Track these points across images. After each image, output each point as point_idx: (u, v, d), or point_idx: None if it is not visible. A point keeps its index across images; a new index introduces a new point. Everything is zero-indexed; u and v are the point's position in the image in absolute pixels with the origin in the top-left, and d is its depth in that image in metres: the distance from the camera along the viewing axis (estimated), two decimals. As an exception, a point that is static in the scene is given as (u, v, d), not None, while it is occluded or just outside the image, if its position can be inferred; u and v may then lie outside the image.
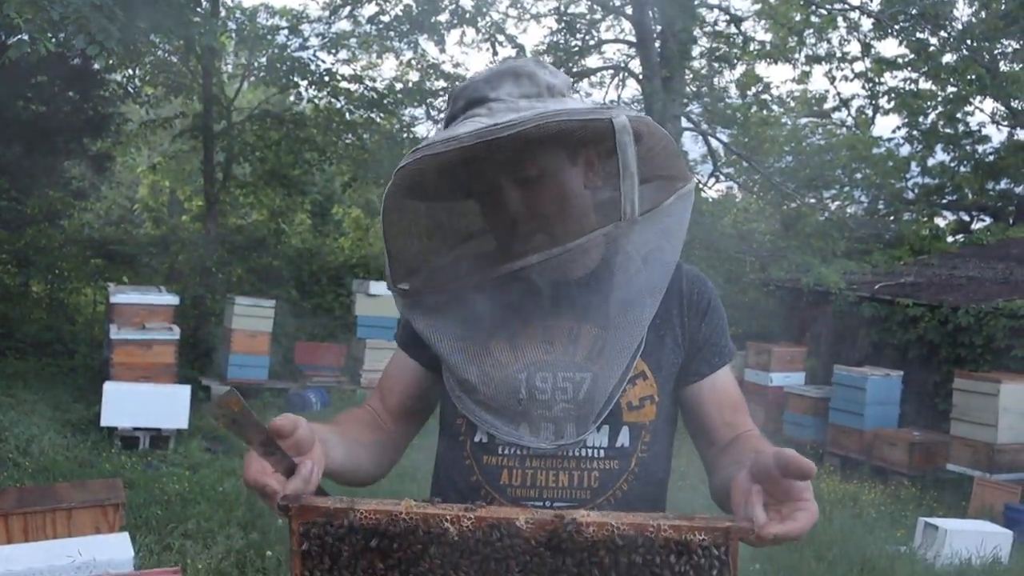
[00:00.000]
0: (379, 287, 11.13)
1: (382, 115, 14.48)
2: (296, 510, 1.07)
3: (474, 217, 1.46)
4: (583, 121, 1.22)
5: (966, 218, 19.47)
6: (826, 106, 20.75)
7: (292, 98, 14.65)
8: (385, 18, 14.04)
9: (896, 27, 15.08)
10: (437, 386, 1.54)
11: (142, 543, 4.63)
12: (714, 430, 1.46)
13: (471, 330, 1.37)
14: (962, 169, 18.45)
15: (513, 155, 1.27)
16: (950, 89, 17.46)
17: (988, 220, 18.84)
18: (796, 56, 17.43)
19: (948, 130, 18.30)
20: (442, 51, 20.42)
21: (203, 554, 4.72)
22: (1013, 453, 8.30)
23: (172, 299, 9.31)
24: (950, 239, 17.56)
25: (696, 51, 15.95)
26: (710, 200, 16.56)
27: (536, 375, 1.36)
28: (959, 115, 18.16)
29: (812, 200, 16.74)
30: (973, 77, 14.97)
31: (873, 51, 16.60)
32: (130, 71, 13.44)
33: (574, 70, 15.82)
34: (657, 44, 14.13)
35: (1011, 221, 17.84)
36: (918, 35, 15.16)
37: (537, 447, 1.36)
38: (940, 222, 19.16)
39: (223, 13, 13.04)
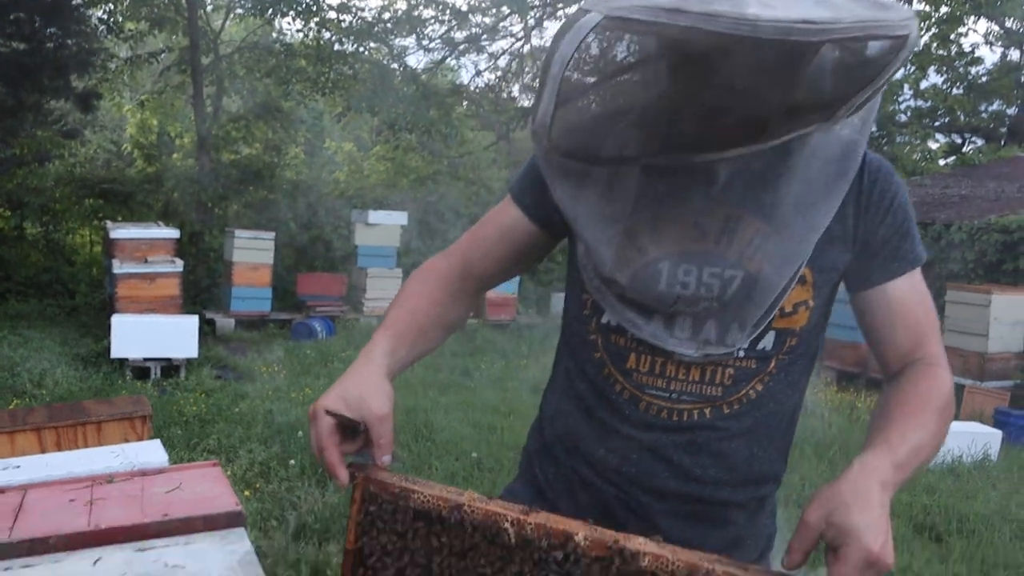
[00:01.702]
0: (378, 216, 11.17)
1: (372, 45, 14.30)
2: (362, 479, 1.10)
3: (653, 89, 1.13)
4: (891, 38, 0.99)
5: (958, 140, 19.50)
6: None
7: (275, 34, 14.42)
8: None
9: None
10: (547, 249, 1.46)
11: (170, 457, 4.76)
12: (884, 348, 1.29)
13: (615, 210, 1.18)
14: (955, 91, 18.40)
15: (775, 57, 0.99)
16: (943, 9, 17.30)
17: (980, 142, 18.88)
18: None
19: (941, 52, 18.20)
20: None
21: (228, 466, 4.88)
22: (1003, 362, 8.58)
23: (173, 233, 9.33)
24: (942, 162, 17.63)
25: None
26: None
27: (680, 267, 1.21)
28: (952, 36, 18.04)
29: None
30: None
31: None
32: (111, 5, 13.19)
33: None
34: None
35: (1003, 142, 17.88)
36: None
37: (679, 353, 1.24)
38: (932, 145, 19.22)
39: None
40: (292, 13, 13.66)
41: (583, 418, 1.36)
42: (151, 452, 3.14)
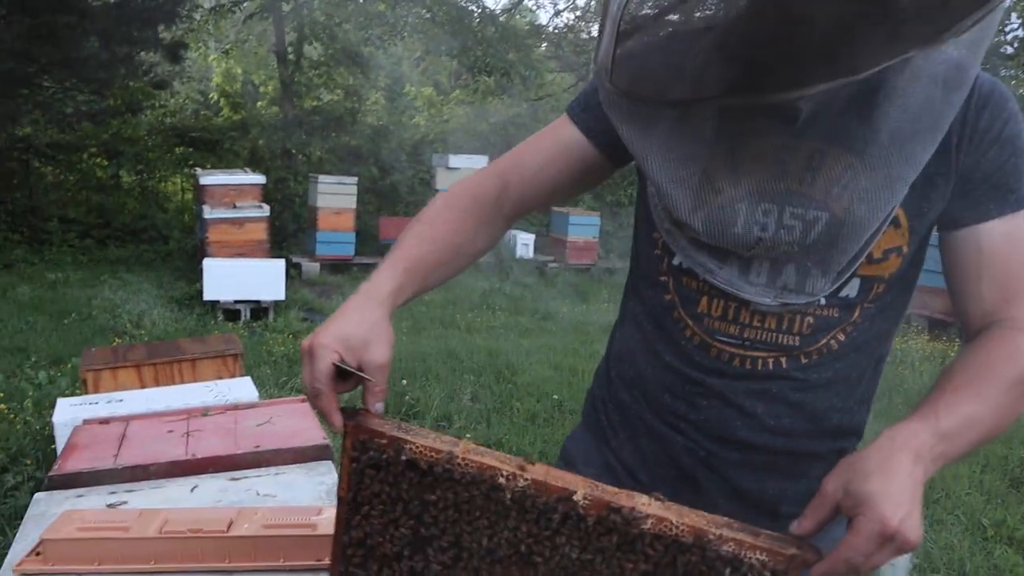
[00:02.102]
0: (459, 160, 11.18)
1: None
2: (352, 427, 1.04)
3: (725, 17, 0.97)
4: None
5: (1070, 72, 18.22)
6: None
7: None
8: None
9: None
10: (604, 176, 1.34)
11: (260, 394, 4.94)
12: (966, 301, 1.13)
13: (687, 150, 1.05)
14: (1068, 18, 17.12)
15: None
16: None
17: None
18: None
19: (1054, -25, 16.93)
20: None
21: (315, 404, 5.03)
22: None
23: (259, 178, 9.55)
24: (1052, 95, 16.53)
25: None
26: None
27: (758, 207, 1.07)
28: (1067, -43, 16.73)
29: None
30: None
31: None
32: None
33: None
34: None
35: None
36: None
37: (756, 301, 1.13)
38: (1041, 77, 18.00)
39: None
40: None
41: (650, 362, 1.28)
42: (243, 388, 3.26)
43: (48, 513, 1.67)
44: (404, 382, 5.43)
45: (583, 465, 1.33)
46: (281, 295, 8.08)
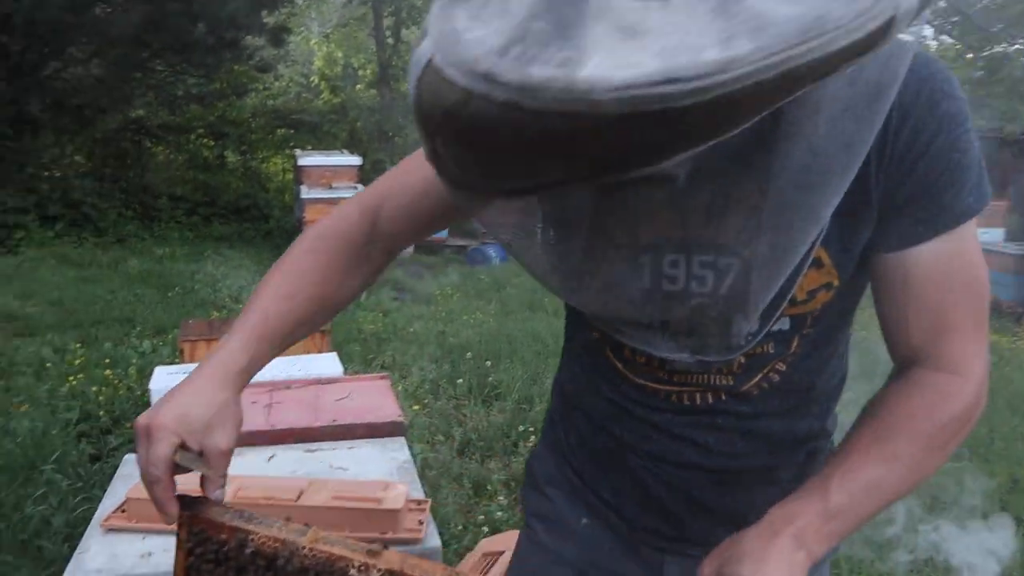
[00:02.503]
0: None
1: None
2: (188, 517, 0.95)
3: None
4: (844, 51, 0.56)
5: None
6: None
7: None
8: None
9: None
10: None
11: (347, 370, 5.09)
12: (891, 333, 0.98)
13: (562, 234, 0.87)
14: None
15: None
16: None
17: None
18: None
19: None
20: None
21: (400, 382, 5.13)
22: None
23: (355, 160, 9.76)
24: None
25: None
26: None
27: (664, 258, 0.94)
28: None
29: (1022, 43, 14.95)
30: None
31: None
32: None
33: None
34: None
35: None
36: None
37: (672, 358, 0.98)
38: None
39: None
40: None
41: (593, 394, 1.17)
42: (328, 363, 3.34)
43: (135, 474, 1.75)
44: (488, 363, 5.47)
45: (546, 484, 1.25)
46: (372, 274, 8.22)
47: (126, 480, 1.72)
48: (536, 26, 0.56)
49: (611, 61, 0.53)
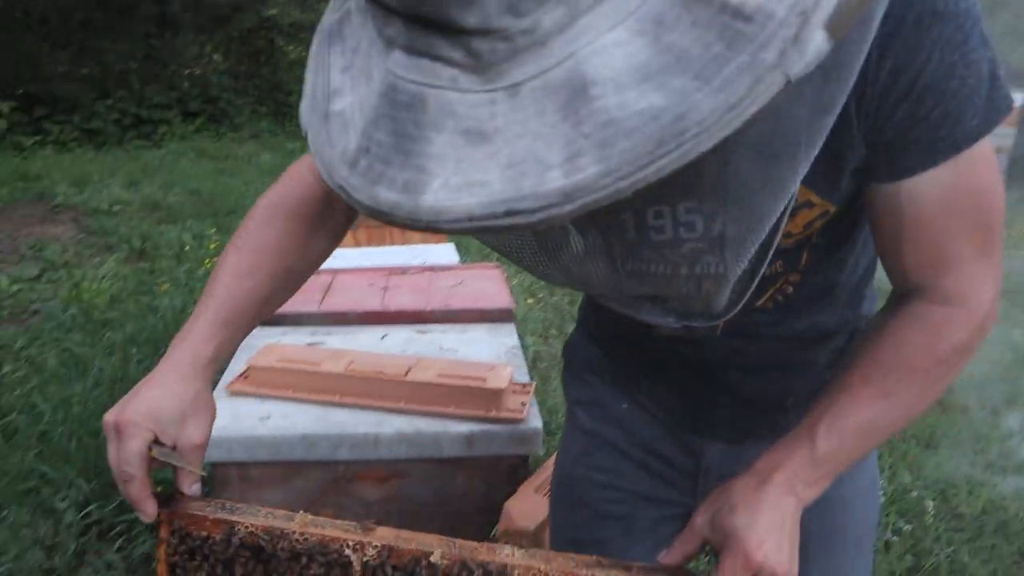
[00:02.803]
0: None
1: None
2: (168, 515, 0.90)
3: None
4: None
5: None
6: None
7: None
8: None
9: None
10: None
11: (463, 261, 5.17)
12: (890, 261, 0.90)
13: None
14: None
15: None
16: None
17: None
18: None
19: None
20: None
21: (515, 276, 5.17)
22: None
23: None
24: None
25: None
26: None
27: (647, 210, 0.84)
28: None
29: None
30: None
31: None
32: None
33: None
34: None
35: None
36: None
37: (657, 323, 0.92)
38: None
39: None
40: None
41: (616, 314, 1.04)
42: (445, 253, 3.39)
43: (256, 345, 1.84)
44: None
45: (584, 371, 1.22)
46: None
47: (248, 350, 1.81)
48: (377, 136, 0.52)
49: (455, 180, 0.49)
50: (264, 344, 1.83)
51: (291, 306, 2.08)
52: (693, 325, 0.90)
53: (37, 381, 3.15)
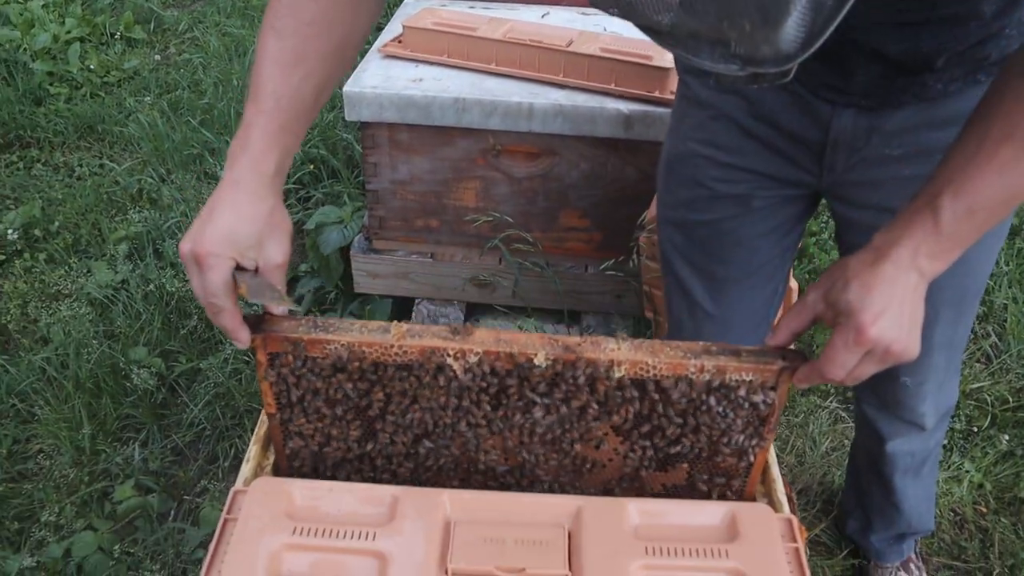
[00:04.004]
0: None
1: None
2: (262, 339, 0.86)
3: None
4: None
5: None
6: None
7: None
8: None
9: None
10: None
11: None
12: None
13: None
14: None
15: None
16: None
17: None
18: None
19: None
20: None
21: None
22: None
23: None
24: None
25: None
26: None
27: None
28: None
29: None
30: None
31: None
32: None
33: None
34: None
35: None
36: None
37: (718, 71, 0.76)
38: None
39: None
40: None
41: None
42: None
43: (413, 7, 1.75)
44: None
45: None
46: None
47: (405, 12, 1.73)
48: None
49: None
50: (421, 7, 1.73)
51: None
52: (759, 72, 0.76)
53: (200, 60, 3.23)
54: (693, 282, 1.20)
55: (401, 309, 1.93)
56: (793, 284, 1.51)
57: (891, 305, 0.78)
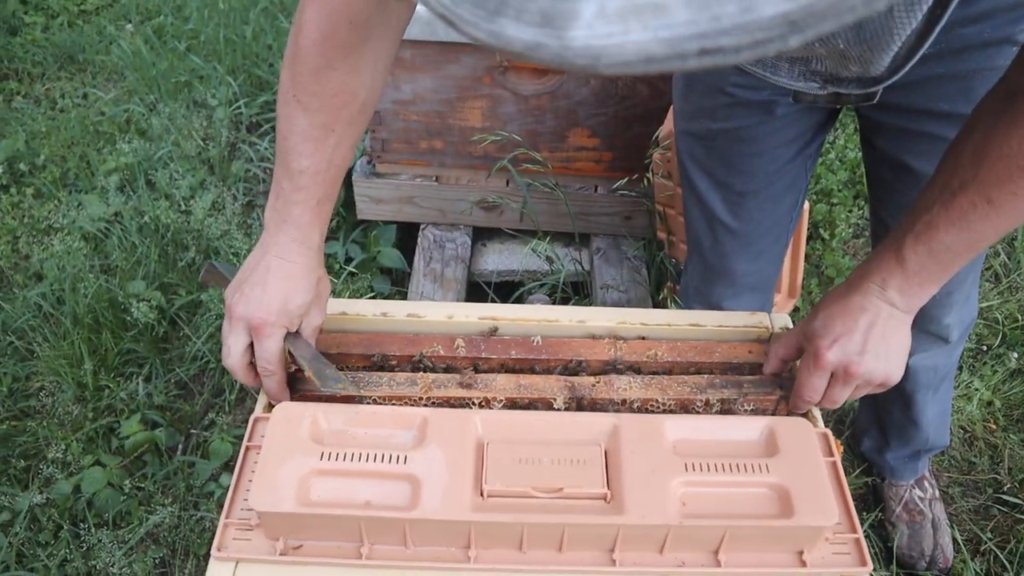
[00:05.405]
0: None
1: None
2: (298, 399, 0.91)
3: None
4: None
5: None
6: None
7: None
8: None
9: None
10: None
11: None
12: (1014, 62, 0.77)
13: None
14: None
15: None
16: None
17: None
18: None
19: None
20: None
21: None
22: None
23: None
24: None
25: None
26: None
27: None
28: None
29: None
30: None
31: None
32: None
33: None
34: None
35: None
36: None
37: (797, 87, 0.88)
38: None
39: None
40: None
41: None
42: None
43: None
44: None
45: None
46: None
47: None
48: None
49: (614, 4, 0.31)
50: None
51: None
52: (842, 92, 0.83)
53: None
54: (712, 195, 1.17)
55: (406, 235, 1.89)
56: (805, 205, 1.47)
57: (853, 331, 0.82)
